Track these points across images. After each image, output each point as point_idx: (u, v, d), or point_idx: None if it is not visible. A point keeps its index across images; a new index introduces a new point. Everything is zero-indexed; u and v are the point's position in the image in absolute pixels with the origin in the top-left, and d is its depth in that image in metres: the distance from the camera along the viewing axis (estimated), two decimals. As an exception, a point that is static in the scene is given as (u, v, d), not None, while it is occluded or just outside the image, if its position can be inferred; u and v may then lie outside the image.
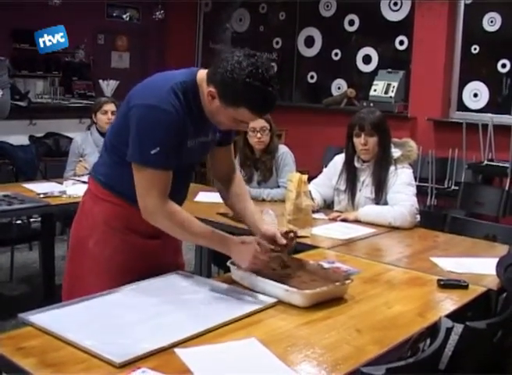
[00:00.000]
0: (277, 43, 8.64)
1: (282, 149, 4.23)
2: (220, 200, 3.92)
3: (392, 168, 3.51)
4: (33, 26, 3.82)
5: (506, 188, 5.54)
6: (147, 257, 2.38)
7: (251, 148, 4.24)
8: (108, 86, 7.56)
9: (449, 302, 2.28)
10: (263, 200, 4.03)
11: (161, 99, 2.11)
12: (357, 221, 3.44)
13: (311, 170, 4.90)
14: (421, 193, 3.66)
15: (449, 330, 1.84)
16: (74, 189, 4.01)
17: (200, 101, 2.20)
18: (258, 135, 4.13)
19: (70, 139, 6.28)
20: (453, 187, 6.45)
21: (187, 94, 2.16)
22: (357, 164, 3.59)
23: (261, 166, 4.20)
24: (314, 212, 3.40)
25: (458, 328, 1.94)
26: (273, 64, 8.65)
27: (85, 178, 3.75)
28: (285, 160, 4.16)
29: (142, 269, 2.33)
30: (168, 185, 2.19)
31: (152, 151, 2.09)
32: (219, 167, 2.57)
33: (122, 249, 2.34)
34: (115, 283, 2.22)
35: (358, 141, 3.51)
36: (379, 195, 3.51)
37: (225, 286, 2.25)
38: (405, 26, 7.30)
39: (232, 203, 2.56)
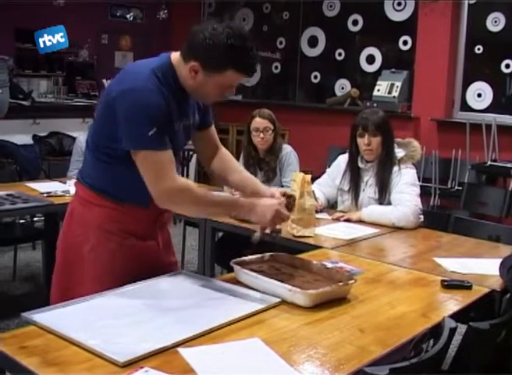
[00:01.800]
0: (280, 43, 8.64)
1: (287, 149, 4.23)
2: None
3: (395, 168, 3.51)
4: (36, 26, 3.81)
5: (510, 189, 5.53)
6: (143, 258, 2.35)
7: (255, 148, 4.24)
8: (112, 85, 7.55)
9: (453, 303, 2.27)
10: None
11: (145, 81, 2.11)
12: (360, 221, 3.45)
13: (315, 170, 4.91)
14: (424, 193, 3.66)
15: (452, 331, 1.84)
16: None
17: (180, 82, 2.21)
18: (261, 135, 4.13)
19: (74, 138, 6.28)
20: (456, 187, 6.44)
21: (167, 76, 2.18)
22: (360, 164, 3.59)
23: (265, 167, 4.20)
24: (317, 212, 3.40)
25: (462, 328, 1.94)
26: (277, 64, 8.67)
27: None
28: (289, 160, 4.16)
29: (140, 271, 2.31)
30: (174, 163, 2.17)
31: (150, 133, 2.06)
32: (206, 152, 2.55)
33: (120, 253, 2.30)
34: (114, 287, 2.20)
35: (362, 142, 3.51)
36: (383, 195, 3.51)
37: (228, 285, 2.26)
38: (409, 27, 7.29)
39: (227, 177, 2.54)
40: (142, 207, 2.27)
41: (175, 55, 2.22)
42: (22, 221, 5.40)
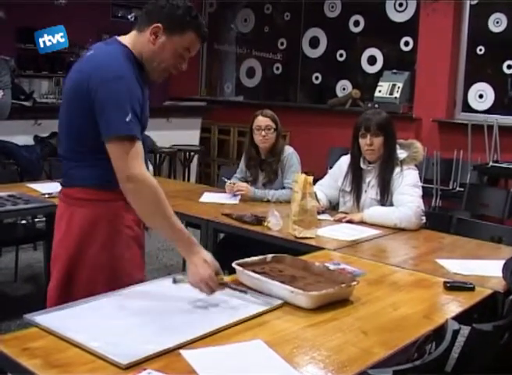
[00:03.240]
0: (282, 44, 8.64)
1: (288, 150, 4.22)
2: (225, 201, 3.97)
3: (397, 169, 3.50)
4: (38, 26, 3.80)
5: (512, 190, 5.53)
6: (141, 247, 2.39)
7: (257, 149, 4.24)
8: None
9: (456, 304, 2.27)
10: (268, 201, 4.02)
11: (122, 68, 2.17)
12: (362, 222, 3.44)
13: (316, 171, 4.90)
14: (425, 194, 3.65)
15: (455, 333, 1.83)
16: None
17: (138, 62, 2.26)
18: (263, 133, 4.13)
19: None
20: (457, 188, 6.43)
21: (131, 60, 2.24)
22: (362, 165, 3.59)
23: (267, 168, 4.19)
24: (319, 213, 3.39)
25: (465, 330, 1.94)
26: (278, 65, 8.67)
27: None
28: (290, 161, 4.16)
29: (142, 261, 2.35)
30: (142, 154, 2.16)
31: (127, 119, 2.09)
32: None
33: (129, 244, 2.32)
34: (127, 280, 2.23)
35: (364, 142, 3.51)
36: (385, 197, 3.51)
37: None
38: (410, 27, 7.28)
39: None
40: None
41: (123, 38, 2.30)
42: (23, 222, 5.40)
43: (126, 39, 2.30)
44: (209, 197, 4.11)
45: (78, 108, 2.20)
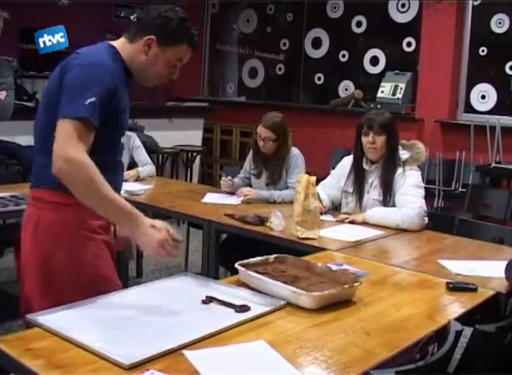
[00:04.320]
0: (284, 44, 8.64)
1: (294, 151, 4.21)
2: (227, 201, 3.97)
3: (400, 170, 3.50)
4: (40, 26, 3.81)
5: (514, 191, 5.53)
6: (112, 255, 2.34)
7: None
8: (116, 86, 7.56)
9: (458, 305, 2.27)
10: (274, 202, 4.01)
11: (100, 57, 2.20)
12: (364, 223, 3.44)
13: (318, 172, 4.90)
14: (428, 195, 3.65)
15: (458, 333, 1.83)
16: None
17: (125, 66, 2.28)
18: (261, 143, 4.14)
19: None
20: (460, 189, 6.43)
21: (115, 56, 2.26)
22: (365, 166, 3.59)
23: (270, 169, 4.19)
24: (322, 213, 3.39)
25: (467, 331, 1.94)
26: (280, 65, 8.68)
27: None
28: (296, 162, 4.16)
29: (112, 267, 2.30)
30: (90, 142, 2.08)
31: (87, 101, 2.05)
32: None
33: (102, 250, 2.25)
34: (101, 287, 2.16)
35: (366, 140, 3.51)
36: (387, 197, 3.51)
37: (233, 287, 2.25)
38: (413, 28, 7.28)
39: None
40: None
41: (114, 42, 2.33)
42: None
43: (115, 43, 2.33)
44: (211, 197, 4.11)
45: (53, 99, 2.15)
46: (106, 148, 2.22)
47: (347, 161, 3.72)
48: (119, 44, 2.32)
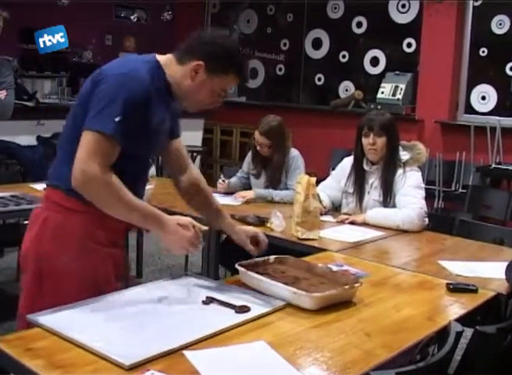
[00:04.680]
0: (284, 45, 8.64)
1: (293, 152, 4.23)
2: (228, 202, 3.97)
3: (400, 171, 3.50)
4: (40, 26, 3.81)
5: (514, 191, 5.53)
6: (117, 267, 2.28)
7: None
8: (116, 87, 7.57)
9: (459, 306, 2.27)
10: (272, 199, 4.03)
11: (135, 69, 2.09)
12: (365, 224, 3.44)
13: (318, 172, 4.89)
14: (428, 196, 3.65)
15: (458, 335, 1.83)
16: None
17: (167, 84, 2.20)
18: (258, 148, 4.17)
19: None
20: (460, 190, 6.43)
21: (156, 76, 2.15)
22: (365, 167, 3.59)
23: (269, 171, 4.21)
24: (322, 214, 3.39)
25: (468, 332, 1.93)
26: (280, 66, 8.67)
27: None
28: (296, 163, 4.17)
29: (115, 278, 2.26)
30: (113, 159, 2.06)
31: (116, 119, 2.00)
32: (172, 162, 2.51)
33: (104, 261, 2.21)
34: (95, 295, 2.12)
35: (366, 141, 3.51)
36: (387, 198, 3.51)
37: (233, 288, 2.25)
38: (413, 29, 7.29)
39: (192, 195, 2.50)
40: None
41: (161, 57, 2.22)
42: (26, 222, 5.39)
43: (162, 58, 2.22)
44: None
45: (83, 111, 2.11)
46: (131, 162, 2.16)
47: (347, 162, 3.72)
48: (166, 60, 2.21)
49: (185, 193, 2.51)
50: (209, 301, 2.11)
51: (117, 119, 2.00)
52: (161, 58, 2.22)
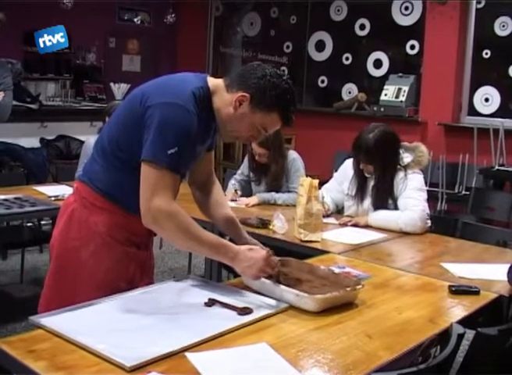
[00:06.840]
0: (288, 47, 8.64)
1: (292, 155, 4.24)
2: (230, 204, 3.96)
3: (402, 174, 3.49)
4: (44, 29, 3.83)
5: (517, 193, 5.52)
6: (140, 267, 2.33)
7: None
8: (119, 89, 7.59)
9: (461, 308, 2.27)
10: (274, 202, 4.03)
11: (185, 100, 2.08)
12: (367, 226, 3.44)
13: (321, 174, 4.91)
14: (431, 198, 3.65)
15: (460, 337, 1.83)
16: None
17: (212, 108, 2.19)
18: (256, 157, 4.18)
19: (81, 142, 6.29)
20: (463, 192, 6.42)
21: (203, 99, 2.15)
22: (365, 173, 3.57)
23: (268, 179, 4.22)
24: (324, 216, 3.40)
25: (469, 334, 1.93)
26: (284, 68, 8.67)
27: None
28: (295, 166, 4.18)
29: (136, 280, 2.30)
30: (177, 189, 2.13)
31: (169, 151, 2.02)
32: (198, 173, 2.51)
33: (123, 260, 2.26)
34: (112, 293, 2.16)
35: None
36: (389, 201, 3.50)
37: (235, 290, 2.25)
38: (416, 31, 7.28)
39: (213, 210, 2.50)
40: None
41: (212, 80, 2.22)
42: (29, 224, 5.42)
43: (213, 83, 2.21)
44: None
45: (125, 123, 2.17)
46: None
47: (349, 164, 3.71)
48: (216, 84, 2.21)
49: (216, 222, 2.53)
50: (212, 303, 2.11)
51: (170, 152, 2.03)
52: (212, 83, 2.21)
